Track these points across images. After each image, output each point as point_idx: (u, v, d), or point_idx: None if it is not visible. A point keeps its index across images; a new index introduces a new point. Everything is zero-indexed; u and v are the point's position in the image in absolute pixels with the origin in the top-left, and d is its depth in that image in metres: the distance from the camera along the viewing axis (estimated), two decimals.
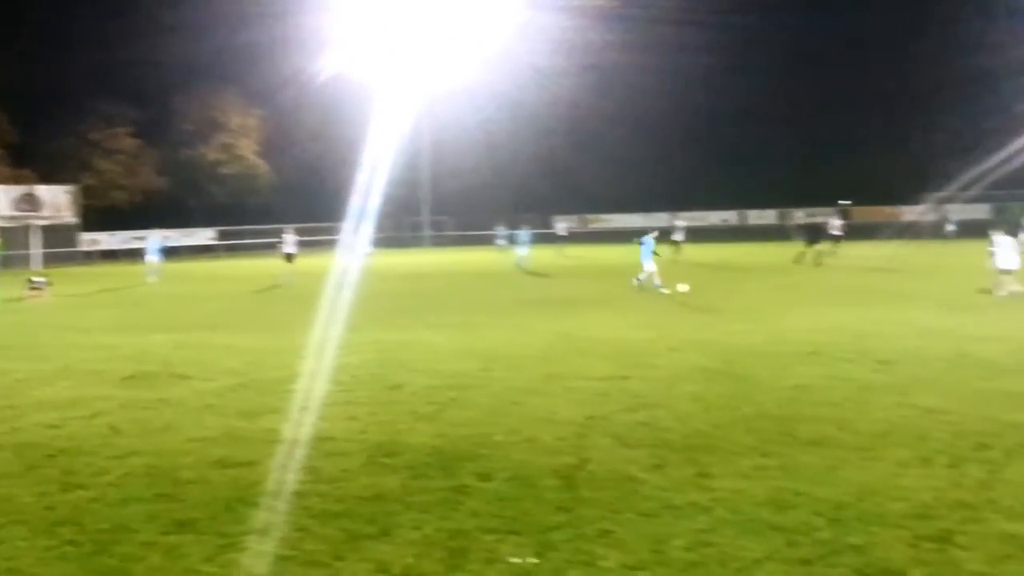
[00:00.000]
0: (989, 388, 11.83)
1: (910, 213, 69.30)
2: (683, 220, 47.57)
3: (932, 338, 16.40)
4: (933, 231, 55.77)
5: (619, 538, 6.84)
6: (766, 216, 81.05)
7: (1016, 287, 22.58)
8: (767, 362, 14.34)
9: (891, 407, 10.92)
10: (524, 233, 42.84)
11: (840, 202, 76.82)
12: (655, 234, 28.59)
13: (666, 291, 25.95)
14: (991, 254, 23.88)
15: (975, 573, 5.99)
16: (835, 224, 41.04)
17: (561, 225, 63.34)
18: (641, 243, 27.90)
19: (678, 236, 43.82)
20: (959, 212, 66.72)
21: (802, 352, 15.19)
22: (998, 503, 7.35)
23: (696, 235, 50.75)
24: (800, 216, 71.72)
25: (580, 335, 18.09)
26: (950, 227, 56.63)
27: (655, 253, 27.71)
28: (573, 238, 61.43)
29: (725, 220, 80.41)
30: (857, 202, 76.32)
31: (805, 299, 24.41)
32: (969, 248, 39.75)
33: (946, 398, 11.32)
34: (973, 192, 68.35)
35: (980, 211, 70.06)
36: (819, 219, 46.82)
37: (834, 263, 36.18)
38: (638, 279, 27.60)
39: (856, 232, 48.19)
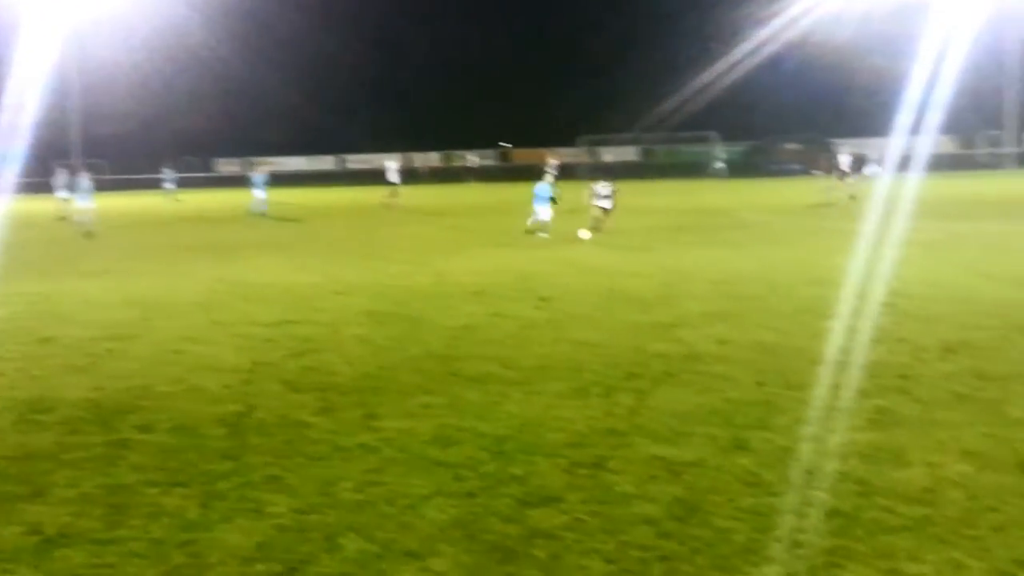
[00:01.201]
0: (637, 321, 12.60)
1: (566, 155, 72.12)
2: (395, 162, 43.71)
3: (588, 275, 17.27)
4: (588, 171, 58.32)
5: (288, 483, 6.82)
6: (432, 159, 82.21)
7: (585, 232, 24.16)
8: (434, 303, 14.62)
9: (550, 342, 11.43)
10: (259, 176, 40.34)
11: (501, 144, 79.06)
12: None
13: (545, 236, 24.60)
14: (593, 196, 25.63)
15: (625, 494, 6.39)
16: (473, 162, 41.47)
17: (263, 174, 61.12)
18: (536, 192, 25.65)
19: (393, 178, 41.35)
20: (614, 154, 70.33)
21: (467, 292, 15.59)
22: (645, 428, 7.86)
23: (364, 178, 50.70)
24: (472, 159, 73.32)
25: (245, 281, 17.77)
26: (719, 165, 58.33)
27: (552, 200, 25.49)
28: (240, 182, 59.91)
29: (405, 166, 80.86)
30: (517, 144, 78.70)
31: (472, 241, 25.03)
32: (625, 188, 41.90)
33: (599, 332, 11.96)
34: (626, 136, 72.11)
35: (630, 153, 73.99)
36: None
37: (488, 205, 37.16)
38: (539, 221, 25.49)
39: (517, 173, 49.65)
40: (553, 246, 22.69)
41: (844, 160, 35.33)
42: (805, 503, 6.11)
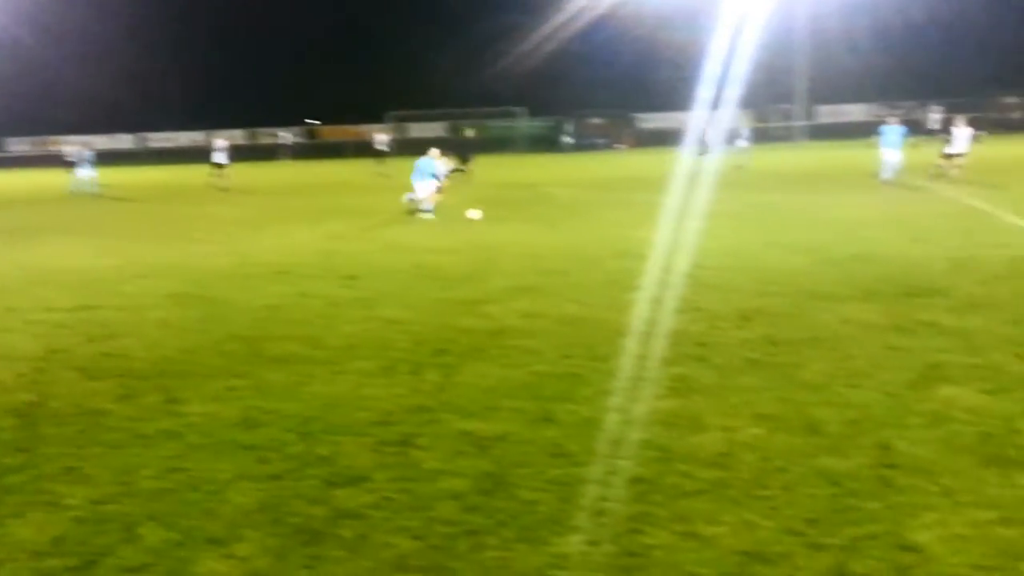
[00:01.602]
0: (445, 297, 12.63)
1: (373, 131, 71.73)
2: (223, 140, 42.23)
3: (395, 252, 17.21)
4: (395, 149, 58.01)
5: (85, 473, 6.58)
6: (235, 136, 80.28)
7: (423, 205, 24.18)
8: (237, 284, 14.32)
9: (357, 321, 11.35)
10: (83, 154, 38.05)
11: (307, 121, 77.81)
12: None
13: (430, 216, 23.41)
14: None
15: (432, 470, 6.40)
16: (286, 139, 40.63)
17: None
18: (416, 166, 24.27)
19: (220, 159, 39.36)
20: (418, 131, 70.27)
21: (272, 272, 15.33)
22: (453, 404, 7.89)
23: (168, 157, 49.16)
24: (286, 136, 71.86)
25: (42, 265, 17.04)
26: (567, 140, 57.52)
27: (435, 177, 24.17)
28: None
29: (195, 141, 78.56)
30: (324, 121, 77.70)
31: (274, 219, 24.63)
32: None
33: (407, 309, 11.94)
34: (434, 112, 72.07)
35: (438, 129, 74.02)
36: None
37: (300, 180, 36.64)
38: (410, 197, 24.60)
39: (322, 151, 49.06)
40: (357, 221, 22.50)
41: (715, 133, 36.06)
42: (608, 472, 6.24)
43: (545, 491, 5.97)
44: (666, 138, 61.01)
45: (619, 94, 72.37)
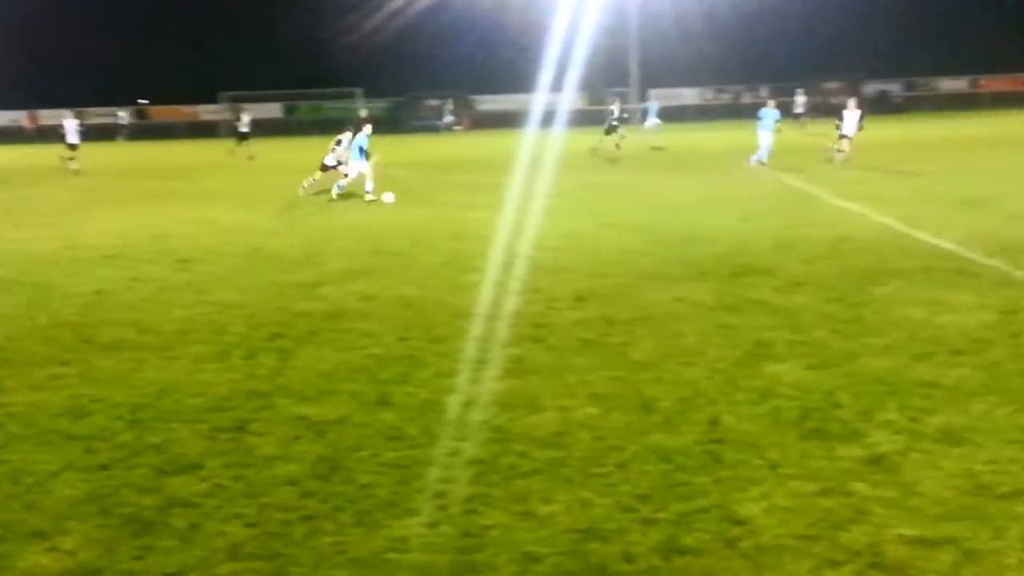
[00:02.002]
0: (281, 280, 12.45)
1: (206, 112, 70.33)
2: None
3: (231, 235, 16.87)
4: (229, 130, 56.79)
5: None
6: (65, 116, 77.40)
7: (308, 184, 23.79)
8: (65, 268, 13.84)
9: (191, 305, 11.09)
10: None
11: (139, 101, 75.50)
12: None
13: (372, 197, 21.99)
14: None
15: (267, 456, 6.31)
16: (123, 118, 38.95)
17: None
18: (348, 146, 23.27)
19: (73, 139, 36.14)
20: (257, 111, 68.95)
21: (102, 256, 14.85)
22: (289, 388, 7.79)
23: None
24: (123, 115, 69.32)
25: None
26: (448, 119, 56.09)
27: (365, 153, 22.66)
28: None
29: (14, 121, 75.46)
30: (154, 102, 75.57)
31: (109, 201, 23.87)
32: (268, 146, 41.22)
33: (243, 293, 11.73)
34: (270, 92, 70.81)
35: (273, 110, 72.92)
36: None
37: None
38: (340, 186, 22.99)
39: (154, 131, 47.74)
40: (191, 203, 21.98)
41: (615, 110, 35.63)
42: (446, 453, 6.26)
43: (382, 474, 5.96)
44: (505, 120, 61.38)
45: (458, 75, 72.37)
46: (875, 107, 25.98)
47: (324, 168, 24.02)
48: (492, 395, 7.44)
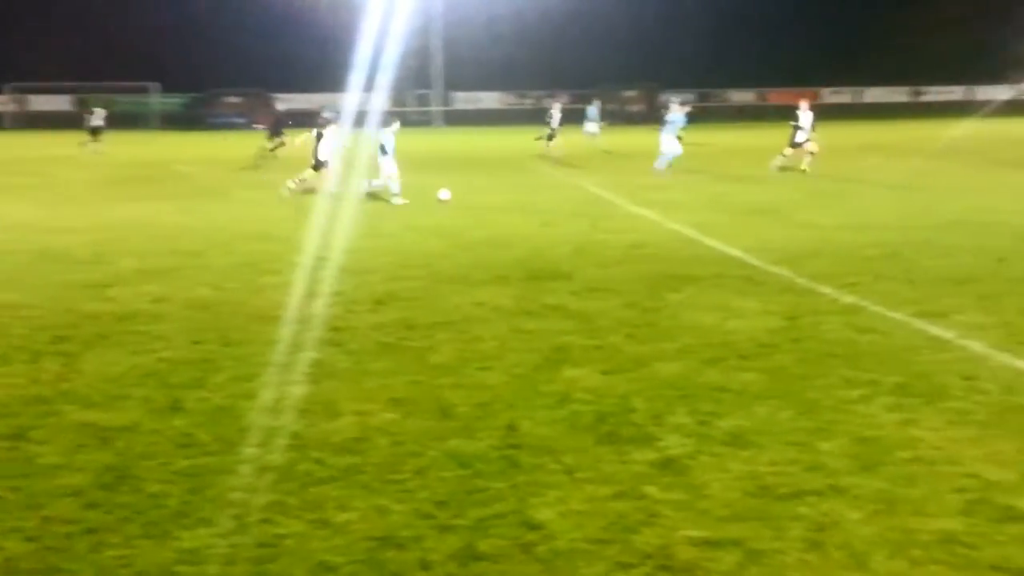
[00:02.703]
0: (67, 280, 11.95)
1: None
2: None
3: (12, 232, 16.10)
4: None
5: None
6: None
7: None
8: None
9: None
10: None
11: None
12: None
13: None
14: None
15: (49, 466, 6.02)
16: None
17: None
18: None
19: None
20: (41, 103, 66.44)
21: None
22: (74, 394, 7.47)
23: None
24: None
25: None
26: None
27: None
28: None
29: None
30: None
31: None
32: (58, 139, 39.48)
33: (26, 293, 11.20)
34: (59, 84, 68.13)
35: (63, 103, 70.22)
36: None
37: None
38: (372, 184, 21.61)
39: None
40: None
41: (556, 115, 34.54)
42: (240, 461, 6.11)
43: (173, 483, 5.76)
44: (306, 119, 60.56)
45: (257, 72, 70.96)
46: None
47: (317, 166, 21.98)
48: (289, 400, 7.31)
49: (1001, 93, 69.36)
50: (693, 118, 29.75)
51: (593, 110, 39.85)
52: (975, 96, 77.44)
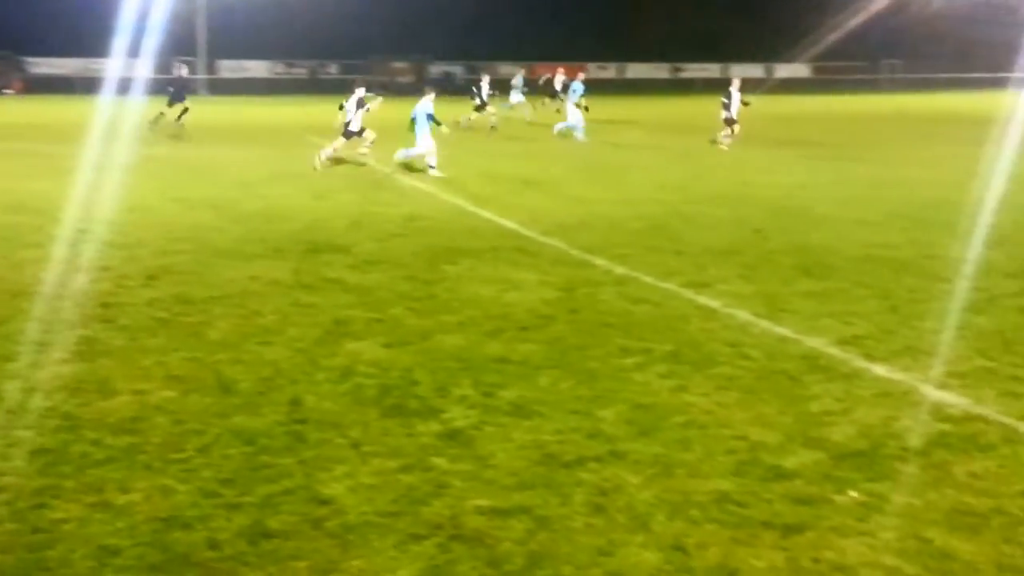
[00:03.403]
0: None
1: None
2: None
3: None
4: None
5: None
6: None
7: None
8: None
9: None
10: None
11: None
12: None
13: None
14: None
15: None
16: None
17: None
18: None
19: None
20: None
21: None
22: None
23: None
24: None
25: None
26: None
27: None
28: None
29: None
30: None
31: None
32: None
33: None
34: None
35: None
36: None
37: None
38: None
39: None
40: None
41: (484, 88, 32.99)
42: (8, 444, 5.83)
43: None
44: (65, 85, 57.84)
45: (6, 34, 66.95)
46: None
47: (348, 135, 21.60)
48: (59, 380, 7.01)
49: (754, 71, 72.66)
50: (589, 88, 31.59)
51: (519, 79, 40.14)
52: (729, 74, 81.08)
